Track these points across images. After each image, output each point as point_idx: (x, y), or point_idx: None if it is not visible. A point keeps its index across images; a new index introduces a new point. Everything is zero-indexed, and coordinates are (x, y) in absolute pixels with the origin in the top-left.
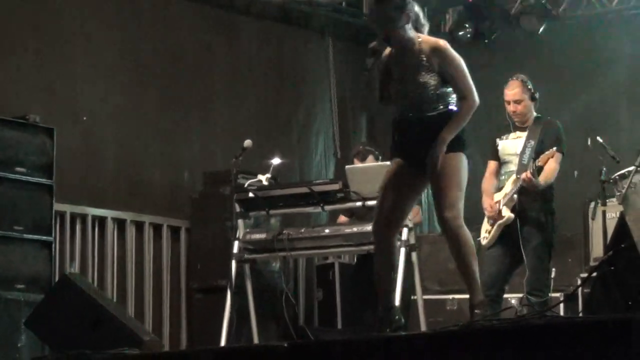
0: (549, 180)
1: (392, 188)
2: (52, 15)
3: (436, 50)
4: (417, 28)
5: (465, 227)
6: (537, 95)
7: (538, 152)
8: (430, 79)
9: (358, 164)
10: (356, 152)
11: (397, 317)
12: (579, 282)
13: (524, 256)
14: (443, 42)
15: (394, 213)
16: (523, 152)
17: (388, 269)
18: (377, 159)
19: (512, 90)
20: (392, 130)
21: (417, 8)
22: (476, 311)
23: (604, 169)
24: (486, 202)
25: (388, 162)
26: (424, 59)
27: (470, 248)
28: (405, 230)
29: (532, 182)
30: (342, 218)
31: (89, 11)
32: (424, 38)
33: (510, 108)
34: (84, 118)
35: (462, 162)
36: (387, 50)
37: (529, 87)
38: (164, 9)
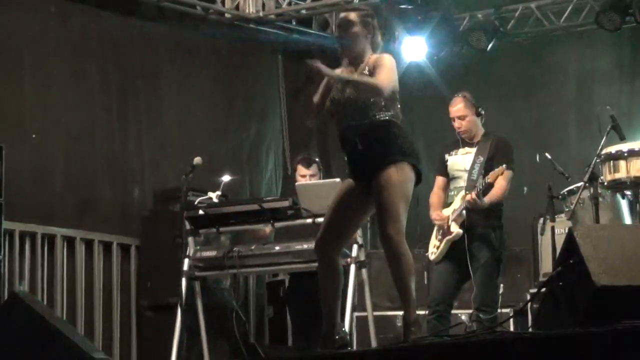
0: (498, 200)
1: (340, 207)
2: (0, 33)
3: (376, 61)
4: (373, 48)
5: (406, 244)
6: (481, 110)
7: (487, 168)
8: None
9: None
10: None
11: (341, 334)
12: (529, 297)
13: (472, 272)
14: (386, 55)
15: (340, 233)
16: (472, 168)
17: (331, 287)
18: (312, 168)
19: (455, 107)
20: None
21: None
22: (412, 329)
23: (552, 184)
24: (434, 214)
25: (338, 180)
26: (368, 72)
27: (410, 266)
28: (355, 247)
29: (477, 204)
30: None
31: (38, 30)
32: (375, 55)
33: (455, 125)
34: (33, 136)
35: (405, 173)
36: (338, 70)
37: (473, 102)
38: (112, 27)
